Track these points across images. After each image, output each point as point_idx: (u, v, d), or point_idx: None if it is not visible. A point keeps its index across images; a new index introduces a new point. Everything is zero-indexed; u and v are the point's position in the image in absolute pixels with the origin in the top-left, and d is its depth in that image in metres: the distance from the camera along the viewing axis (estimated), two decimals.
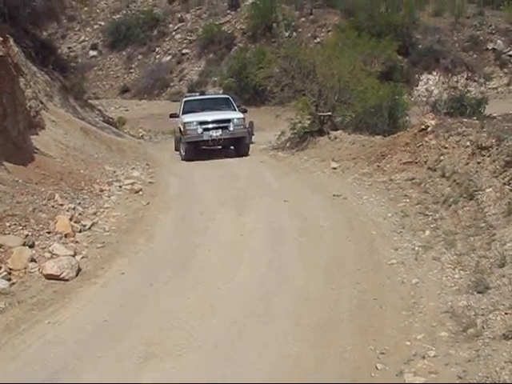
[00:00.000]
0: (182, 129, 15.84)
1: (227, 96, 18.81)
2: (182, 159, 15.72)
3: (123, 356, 4.79)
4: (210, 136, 15.52)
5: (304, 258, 6.79)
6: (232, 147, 16.49)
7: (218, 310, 5.55)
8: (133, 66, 36.87)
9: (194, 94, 21.63)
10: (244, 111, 17.18)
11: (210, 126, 15.60)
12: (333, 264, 6.48)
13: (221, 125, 15.63)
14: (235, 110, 16.94)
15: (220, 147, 16.46)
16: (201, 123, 15.61)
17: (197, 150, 15.78)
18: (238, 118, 15.94)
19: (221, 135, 15.54)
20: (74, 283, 6.43)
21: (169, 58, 36.06)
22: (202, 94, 20.82)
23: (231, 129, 15.59)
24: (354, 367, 4.27)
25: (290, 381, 4.21)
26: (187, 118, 16.05)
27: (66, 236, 7.55)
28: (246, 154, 15.98)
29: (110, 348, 4.96)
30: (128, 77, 36.44)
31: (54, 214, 7.95)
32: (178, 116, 17.07)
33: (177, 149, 18.07)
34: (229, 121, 15.74)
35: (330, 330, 4.95)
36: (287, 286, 5.98)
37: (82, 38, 39.05)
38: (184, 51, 36.00)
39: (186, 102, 17.70)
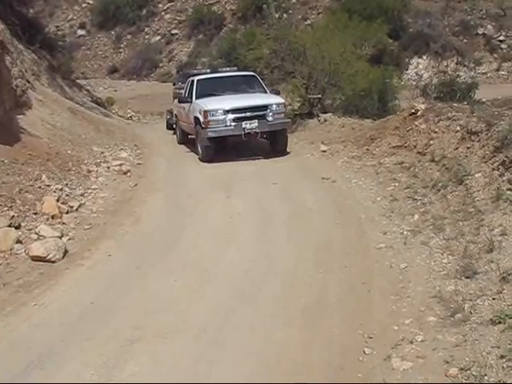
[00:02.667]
0: (202, 119, 11.81)
1: (253, 73, 14.17)
2: (201, 160, 12.01)
3: (110, 339, 4.76)
4: (243, 129, 11.57)
5: (292, 241, 6.77)
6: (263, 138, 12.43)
7: (206, 293, 5.53)
8: (121, 45, 36.49)
9: (196, 69, 18.81)
10: (277, 93, 13.40)
11: (243, 114, 11.68)
12: (321, 248, 6.46)
13: (256, 113, 11.75)
14: (266, 91, 13.19)
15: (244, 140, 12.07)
16: (229, 111, 11.70)
17: (220, 147, 12.01)
18: (278, 104, 12.12)
19: (257, 127, 11.60)
20: (61, 265, 6.38)
21: (158, 38, 35.71)
22: (215, 70, 15.87)
23: (270, 118, 11.76)
24: (342, 351, 4.27)
25: (278, 367, 4.20)
26: (208, 103, 12.06)
27: (52, 217, 7.48)
28: (285, 152, 12.24)
29: (97, 331, 4.92)
30: (117, 57, 36.07)
31: (40, 195, 7.86)
32: (188, 101, 13.11)
33: (168, 127, 16.98)
34: (266, 107, 11.88)
35: (317, 314, 4.94)
36: (275, 269, 5.96)
37: (70, 16, 38.50)
38: (173, 32, 35.65)
39: (199, 81, 13.40)
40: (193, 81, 13.57)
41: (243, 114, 11.69)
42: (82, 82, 24.05)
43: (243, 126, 11.58)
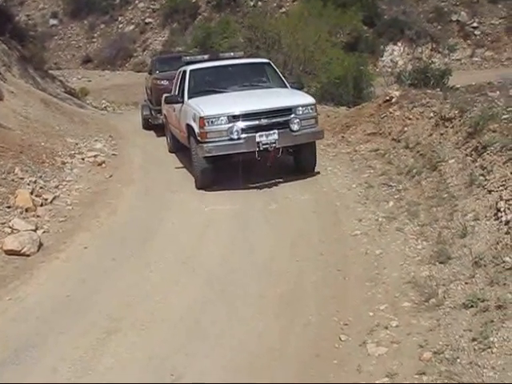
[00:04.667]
0: (197, 128, 8.41)
1: (267, 60, 10.69)
2: (197, 187, 8.68)
3: (86, 331, 4.74)
4: (258, 144, 8.16)
5: (269, 230, 6.79)
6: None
7: (182, 284, 5.52)
8: (95, 35, 36.09)
9: (184, 53, 15.13)
10: (300, 87, 10.23)
11: (257, 122, 8.26)
12: (297, 236, 6.48)
13: (276, 119, 8.33)
14: (286, 86, 9.66)
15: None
16: (238, 118, 8.25)
17: (224, 167, 8.63)
18: (307, 106, 8.60)
19: (278, 141, 8.20)
20: (36, 258, 6.32)
21: (132, 27, 35.38)
22: (214, 56, 11.36)
23: (296, 127, 8.34)
24: (318, 339, 4.30)
25: (255, 356, 4.22)
26: (206, 106, 8.56)
27: (26, 210, 7.39)
28: (313, 170, 8.96)
29: (73, 324, 4.90)
30: (90, 46, 35.68)
31: (14, 188, 7.76)
32: (179, 101, 9.65)
33: (146, 126, 14.45)
34: (290, 111, 8.43)
35: (293, 302, 4.97)
36: (252, 259, 5.97)
37: (41, 5, 37.94)
38: (147, 20, 35.36)
39: (192, 72, 9.90)
40: (185, 72, 10.00)
41: (257, 122, 8.19)
42: (55, 72, 23.74)
43: (257, 139, 8.09)
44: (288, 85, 9.69)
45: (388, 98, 10.10)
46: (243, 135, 8.17)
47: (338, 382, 3.72)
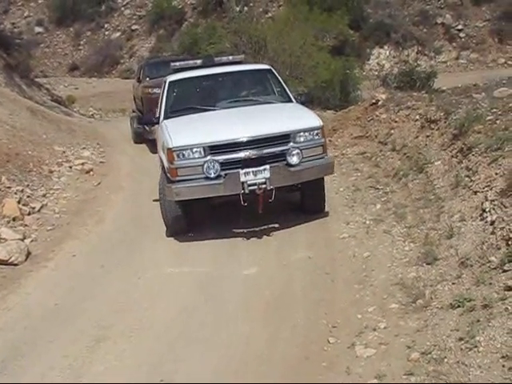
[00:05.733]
0: (166, 162, 6.73)
1: (267, 66, 8.76)
2: (168, 235, 6.99)
3: (75, 340, 4.73)
4: (243, 184, 6.40)
5: (256, 232, 6.77)
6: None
7: (169, 291, 5.51)
8: (81, 42, 35.96)
9: (183, 59, 11.89)
10: (305, 101, 8.39)
11: (241, 154, 6.47)
12: (285, 239, 6.50)
13: (269, 150, 6.54)
14: (290, 99, 7.80)
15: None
16: (215, 149, 6.49)
17: (201, 211, 7.17)
18: (310, 130, 6.74)
19: (270, 180, 6.43)
20: (24, 267, 6.30)
21: (118, 34, 35.30)
22: (208, 58, 9.29)
23: (295, 159, 6.54)
24: (307, 342, 4.31)
25: (244, 362, 4.23)
26: (178, 131, 6.85)
27: (14, 219, 7.36)
28: (321, 211, 7.17)
29: (62, 332, 4.89)
30: (77, 54, 35.55)
31: (1, 197, 7.74)
32: (154, 121, 7.90)
33: (138, 140, 13.18)
34: (287, 138, 6.63)
35: (282, 305, 4.98)
36: (239, 264, 5.98)
37: (27, 13, 37.72)
38: (134, 27, 35.30)
39: (171, 84, 7.91)
40: (165, 83, 8.05)
41: (242, 154, 6.40)
42: (42, 80, 23.65)
43: (242, 178, 6.32)
44: (293, 97, 7.80)
45: (374, 101, 10.16)
46: (223, 173, 6.35)
47: (331, 383, 3.72)
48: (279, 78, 8.18)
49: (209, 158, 6.41)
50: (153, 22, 34.35)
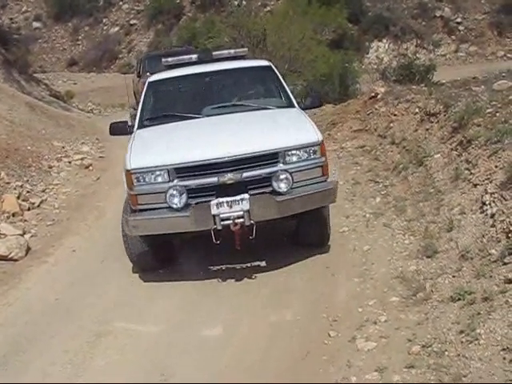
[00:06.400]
0: (126, 187, 5.48)
1: (266, 63, 7.25)
2: (134, 270, 5.90)
3: (76, 335, 4.73)
4: (214, 218, 5.09)
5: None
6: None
7: (170, 285, 5.50)
8: (79, 37, 35.89)
9: (185, 51, 10.53)
10: (312, 105, 6.88)
11: (214, 179, 5.17)
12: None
13: (248, 174, 5.20)
14: (291, 103, 6.46)
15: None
16: (183, 171, 5.23)
17: (172, 246, 6.02)
18: (305, 147, 5.38)
19: (248, 213, 5.10)
20: (24, 263, 6.31)
21: (116, 29, 35.22)
22: (206, 53, 8.08)
23: (283, 186, 5.19)
24: (307, 336, 4.32)
25: (244, 355, 4.23)
26: (141, 149, 5.66)
27: (13, 215, 7.37)
28: (324, 244, 5.89)
29: (63, 327, 4.89)
30: (75, 49, 35.48)
31: (0, 193, 7.73)
32: (128, 131, 6.38)
33: None
34: (274, 159, 5.29)
35: (282, 298, 4.99)
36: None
37: (24, 8, 37.61)
38: (132, 22, 35.23)
39: (151, 85, 6.77)
40: (144, 85, 7.05)
41: (215, 179, 5.15)
42: (40, 75, 23.65)
43: (214, 210, 5.08)
44: (294, 100, 6.46)
45: (373, 94, 10.14)
46: (194, 202, 5.11)
47: (331, 382, 3.72)
48: (279, 76, 6.80)
49: (175, 183, 5.13)
50: (151, 16, 34.28)
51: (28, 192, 8.27)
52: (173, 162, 5.20)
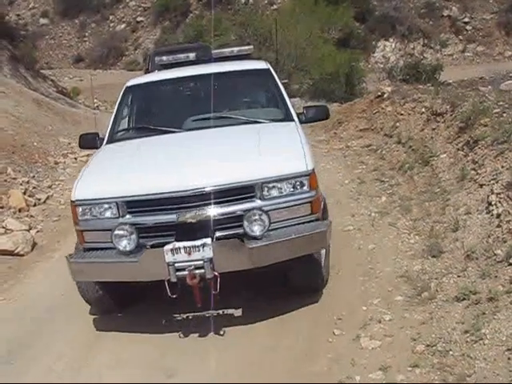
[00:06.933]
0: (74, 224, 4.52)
1: (264, 65, 6.12)
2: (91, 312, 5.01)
3: (81, 330, 4.74)
4: (168, 267, 4.08)
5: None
6: None
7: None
8: (86, 34, 35.99)
9: (197, 47, 8.63)
10: (315, 117, 5.60)
11: (173, 215, 4.17)
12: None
13: (214, 212, 4.18)
14: (289, 115, 5.42)
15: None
16: (136, 206, 4.27)
17: (127, 290, 4.82)
18: (288, 180, 4.29)
19: (208, 264, 4.07)
20: (30, 258, 6.34)
21: (123, 26, 35.31)
22: (205, 53, 6.90)
23: (255, 231, 4.11)
24: (312, 334, 4.32)
25: (247, 352, 4.24)
26: (91, 177, 4.62)
27: (19, 210, 7.40)
28: (317, 290, 4.87)
29: (68, 323, 4.90)
30: (82, 46, 35.59)
31: (6, 189, 7.77)
32: (97, 144, 5.50)
33: None
34: (250, 193, 4.24)
35: (287, 297, 4.99)
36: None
37: (32, 4, 37.74)
38: (139, 19, 35.30)
39: (128, 91, 5.98)
40: (123, 88, 6.07)
41: (173, 217, 4.20)
42: (47, 72, 23.68)
43: (168, 257, 4.10)
44: (294, 111, 5.47)
45: (380, 93, 10.15)
46: (149, 243, 4.24)
47: (331, 383, 3.73)
48: (278, 81, 5.80)
49: (125, 219, 4.23)
50: (158, 13, 34.35)
51: (34, 188, 8.30)
52: (123, 193, 4.25)
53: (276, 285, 4.89)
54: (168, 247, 4.08)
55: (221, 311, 4.65)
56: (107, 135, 5.53)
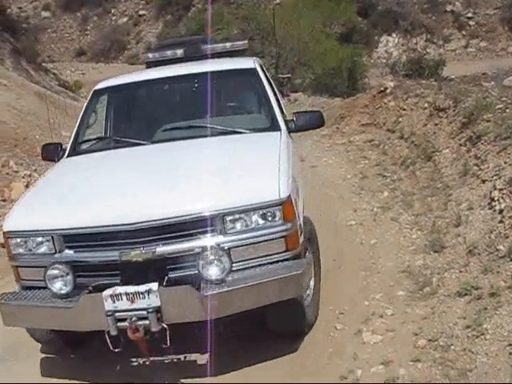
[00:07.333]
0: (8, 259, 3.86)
1: (251, 65, 5.24)
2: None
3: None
4: (107, 316, 3.38)
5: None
6: None
7: None
8: (88, 27, 35.95)
9: (202, 39, 6.68)
10: (310, 125, 4.86)
11: (115, 253, 3.48)
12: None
13: (163, 250, 3.47)
14: (275, 124, 4.64)
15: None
16: (76, 240, 3.62)
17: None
18: (257, 210, 3.52)
19: (153, 315, 3.36)
20: None
21: (125, 19, 35.26)
22: (194, 49, 5.96)
23: (212, 274, 3.43)
24: (314, 328, 4.32)
25: (253, 341, 4.24)
26: (28, 204, 3.97)
27: None
28: (302, 334, 4.12)
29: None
30: (83, 39, 35.55)
31: (8, 182, 7.78)
32: (58, 156, 4.93)
33: None
34: (210, 226, 3.50)
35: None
36: None
37: None
38: (141, 12, 35.24)
39: (96, 96, 5.29)
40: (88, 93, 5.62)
41: (115, 255, 3.49)
42: (49, 65, 23.64)
43: (108, 305, 3.40)
44: (280, 118, 4.70)
45: (382, 88, 10.13)
46: (93, 284, 3.58)
47: (332, 383, 3.73)
48: (265, 83, 5.04)
49: (60, 256, 3.61)
50: (160, 7, 34.31)
51: (36, 181, 8.30)
52: (60, 225, 3.61)
53: (252, 324, 4.13)
54: (107, 293, 3.39)
55: (184, 356, 3.93)
56: (69, 147, 4.94)
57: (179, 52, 5.88)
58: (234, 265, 3.45)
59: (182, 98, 5.26)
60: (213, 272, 3.41)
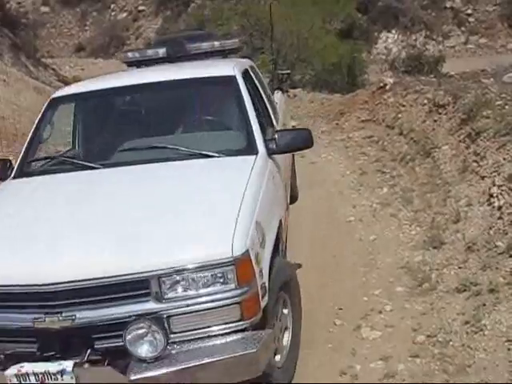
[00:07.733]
0: None
1: (229, 72, 4.35)
2: None
3: None
4: None
5: None
6: None
7: None
8: (87, 23, 35.84)
9: (207, 34, 6.52)
10: (294, 146, 4.14)
11: (31, 316, 2.81)
12: (292, 223, 6.50)
13: (85, 318, 2.77)
14: (251, 145, 3.89)
15: None
16: None
17: None
18: (197, 271, 2.79)
19: None
20: None
21: (125, 14, 35.16)
22: (177, 47, 5.33)
23: (140, 351, 2.72)
24: (313, 324, 4.33)
25: None
26: None
27: None
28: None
29: None
30: (83, 34, 35.44)
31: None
32: (3, 176, 4.26)
33: None
34: (144, 289, 2.78)
35: None
36: None
37: None
38: (140, 8, 35.13)
39: (52, 106, 4.59)
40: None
41: (26, 318, 2.85)
42: (48, 60, 23.57)
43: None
44: (259, 137, 3.96)
45: (382, 85, 10.13)
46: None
47: (336, 383, 3.74)
48: (245, 94, 4.20)
49: None
50: (159, 2, 34.20)
51: None
52: None
53: None
54: (11, 372, 2.75)
55: None
56: (16, 166, 4.25)
57: (161, 51, 5.36)
58: (174, 335, 2.77)
59: (147, 111, 4.57)
60: (142, 350, 2.73)
